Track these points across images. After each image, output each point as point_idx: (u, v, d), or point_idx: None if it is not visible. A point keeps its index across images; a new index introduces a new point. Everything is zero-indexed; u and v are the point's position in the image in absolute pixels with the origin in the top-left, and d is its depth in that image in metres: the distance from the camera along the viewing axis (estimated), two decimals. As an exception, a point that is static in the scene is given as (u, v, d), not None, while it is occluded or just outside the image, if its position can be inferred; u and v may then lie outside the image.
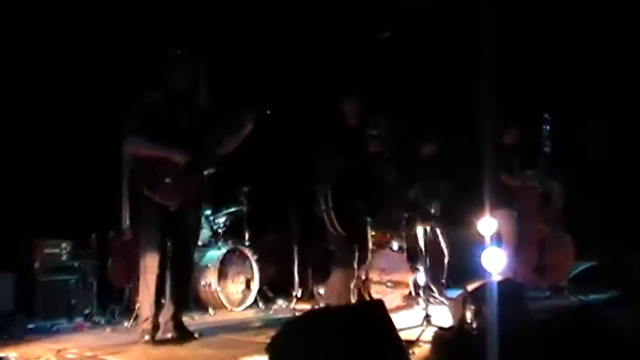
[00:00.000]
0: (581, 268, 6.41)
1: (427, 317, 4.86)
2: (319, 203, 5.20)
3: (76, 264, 5.90)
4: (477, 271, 4.92)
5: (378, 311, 3.60)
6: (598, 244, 6.35)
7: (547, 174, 6.39)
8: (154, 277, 4.55)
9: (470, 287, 4.41)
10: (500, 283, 3.95)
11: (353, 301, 5.25)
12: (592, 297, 5.68)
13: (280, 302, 6.53)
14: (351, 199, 5.21)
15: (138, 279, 4.72)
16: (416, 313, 5.74)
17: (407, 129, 6.17)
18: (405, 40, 7.16)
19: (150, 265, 4.55)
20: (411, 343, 4.17)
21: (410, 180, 5.87)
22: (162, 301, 4.68)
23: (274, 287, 6.75)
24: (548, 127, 6.30)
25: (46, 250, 5.83)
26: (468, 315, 3.99)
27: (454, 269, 6.34)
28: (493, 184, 6.23)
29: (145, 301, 4.59)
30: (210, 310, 6.16)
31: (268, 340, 3.62)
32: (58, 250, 5.88)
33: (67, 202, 6.07)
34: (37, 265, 5.73)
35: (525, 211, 6.53)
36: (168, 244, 4.68)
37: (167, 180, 4.55)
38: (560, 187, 6.47)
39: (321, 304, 6.03)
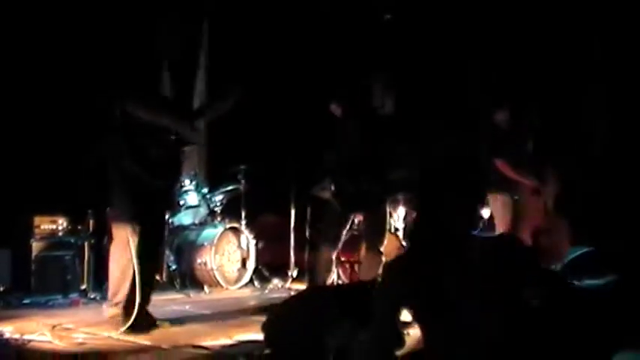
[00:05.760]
0: (577, 254, 6.41)
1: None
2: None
3: (72, 240, 5.88)
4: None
5: (372, 291, 3.61)
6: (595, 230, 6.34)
7: (541, 157, 6.36)
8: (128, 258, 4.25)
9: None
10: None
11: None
12: (587, 282, 5.68)
13: (276, 281, 6.53)
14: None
15: None
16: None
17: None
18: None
19: (123, 245, 4.28)
20: (406, 324, 4.18)
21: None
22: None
23: (270, 266, 6.75)
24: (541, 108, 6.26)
25: (43, 226, 5.82)
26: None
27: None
28: (489, 169, 6.23)
29: (125, 284, 4.29)
30: (206, 289, 6.17)
31: (264, 319, 3.64)
32: (54, 226, 5.86)
33: (64, 178, 6.05)
34: (33, 240, 5.72)
35: (519, 197, 6.52)
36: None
37: (153, 153, 4.17)
38: (554, 171, 6.44)
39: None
